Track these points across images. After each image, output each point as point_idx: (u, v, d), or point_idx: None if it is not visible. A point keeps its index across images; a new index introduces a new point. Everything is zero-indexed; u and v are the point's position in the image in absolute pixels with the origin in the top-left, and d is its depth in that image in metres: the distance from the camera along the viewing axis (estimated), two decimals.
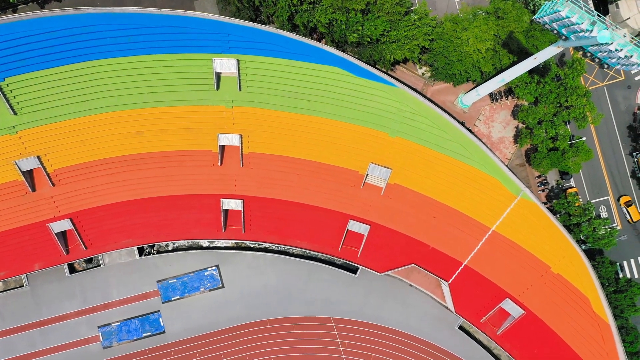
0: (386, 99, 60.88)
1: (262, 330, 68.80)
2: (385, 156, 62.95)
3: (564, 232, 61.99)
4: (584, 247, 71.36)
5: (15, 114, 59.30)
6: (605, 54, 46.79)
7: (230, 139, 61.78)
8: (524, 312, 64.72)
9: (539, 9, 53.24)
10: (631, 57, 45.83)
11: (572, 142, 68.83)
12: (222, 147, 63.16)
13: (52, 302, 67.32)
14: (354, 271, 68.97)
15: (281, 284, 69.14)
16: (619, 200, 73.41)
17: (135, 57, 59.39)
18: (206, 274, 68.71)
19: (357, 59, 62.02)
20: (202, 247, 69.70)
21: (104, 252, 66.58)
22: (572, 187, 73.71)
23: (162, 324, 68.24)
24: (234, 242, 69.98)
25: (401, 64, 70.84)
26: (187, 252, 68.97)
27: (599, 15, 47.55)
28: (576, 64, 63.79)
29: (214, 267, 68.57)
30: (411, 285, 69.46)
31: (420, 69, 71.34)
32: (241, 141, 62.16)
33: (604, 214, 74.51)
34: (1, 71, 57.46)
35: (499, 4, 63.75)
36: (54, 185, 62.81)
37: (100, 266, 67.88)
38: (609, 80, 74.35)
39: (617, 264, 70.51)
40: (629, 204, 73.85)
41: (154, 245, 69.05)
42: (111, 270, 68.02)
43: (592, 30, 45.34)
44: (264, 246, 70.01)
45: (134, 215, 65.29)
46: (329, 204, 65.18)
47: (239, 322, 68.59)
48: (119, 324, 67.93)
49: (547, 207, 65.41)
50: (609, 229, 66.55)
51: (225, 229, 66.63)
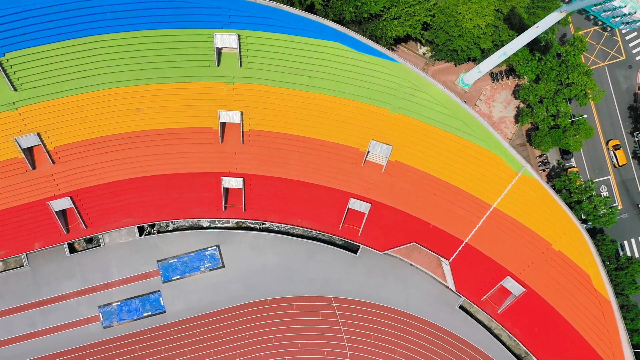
0: (387, 75, 60.49)
1: (262, 309, 68.59)
2: (386, 133, 62.73)
3: (565, 208, 61.67)
4: (585, 226, 71.05)
5: (15, 90, 58.90)
6: (608, 13, 46.25)
7: (231, 116, 61.54)
8: (524, 290, 64.44)
9: None
10: (635, 13, 44.89)
11: (573, 119, 68.75)
12: (223, 125, 62.95)
13: (52, 282, 67.00)
14: (354, 251, 68.92)
15: (282, 263, 68.94)
16: (607, 143, 72.80)
17: (135, 33, 58.98)
18: (207, 253, 68.54)
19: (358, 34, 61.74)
20: (202, 228, 69.59)
21: (105, 231, 66.31)
22: (573, 167, 73.59)
23: (162, 304, 68.06)
24: (234, 222, 69.85)
25: (402, 44, 70.78)
26: (187, 231, 68.77)
27: None
28: (577, 41, 63.75)
29: (215, 247, 68.36)
30: (412, 265, 69.36)
31: (421, 48, 71.26)
32: (242, 118, 61.98)
33: (605, 194, 74.36)
34: (1, 46, 56.94)
35: None
36: (54, 162, 62.54)
37: (100, 246, 67.61)
38: (610, 60, 74.31)
39: (618, 243, 70.28)
40: (616, 148, 73.13)
41: (154, 225, 68.94)
42: (111, 250, 67.79)
43: None
44: (264, 226, 70.01)
45: (134, 193, 65.08)
46: (330, 182, 64.98)
47: (239, 302, 68.34)
48: (119, 303, 67.74)
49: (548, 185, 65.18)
50: (610, 207, 66.29)
51: (225, 208, 66.48)
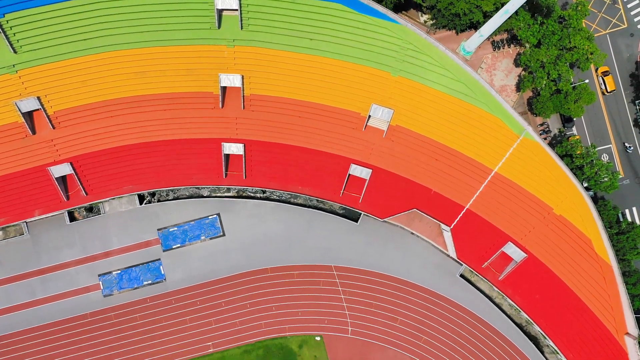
0: (388, 37, 60.21)
1: (263, 278, 68.46)
2: (387, 96, 62.41)
3: (567, 171, 61.36)
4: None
5: (15, 52, 58.78)
6: None
7: (231, 80, 61.26)
8: (526, 255, 64.21)
9: None
10: None
11: (575, 84, 68.46)
12: (224, 89, 62.71)
13: (52, 251, 66.98)
14: (355, 220, 68.70)
15: (282, 232, 68.73)
16: (597, 70, 72.63)
17: None
18: (207, 222, 68.32)
19: None
20: (203, 196, 69.35)
21: (105, 198, 66.21)
22: (575, 135, 73.33)
23: (162, 272, 67.92)
24: (235, 191, 69.63)
25: (402, 12, 70.44)
26: (188, 200, 68.59)
27: None
28: (580, 6, 63.46)
29: (215, 215, 68.18)
30: (413, 233, 69.13)
31: (422, 16, 70.94)
32: (242, 82, 61.73)
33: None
34: (1, 7, 56.56)
35: None
36: (54, 128, 62.43)
37: (100, 214, 67.52)
38: (612, 28, 73.96)
39: (619, 210, 69.94)
40: (605, 74, 73.01)
41: (155, 193, 68.71)
42: (111, 218, 67.67)
43: None
44: (265, 195, 69.78)
45: (134, 160, 64.91)
46: (331, 148, 64.74)
47: (239, 270, 68.23)
48: (120, 272, 67.62)
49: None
50: (611, 173, 66.00)
51: (226, 175, 66.28)
